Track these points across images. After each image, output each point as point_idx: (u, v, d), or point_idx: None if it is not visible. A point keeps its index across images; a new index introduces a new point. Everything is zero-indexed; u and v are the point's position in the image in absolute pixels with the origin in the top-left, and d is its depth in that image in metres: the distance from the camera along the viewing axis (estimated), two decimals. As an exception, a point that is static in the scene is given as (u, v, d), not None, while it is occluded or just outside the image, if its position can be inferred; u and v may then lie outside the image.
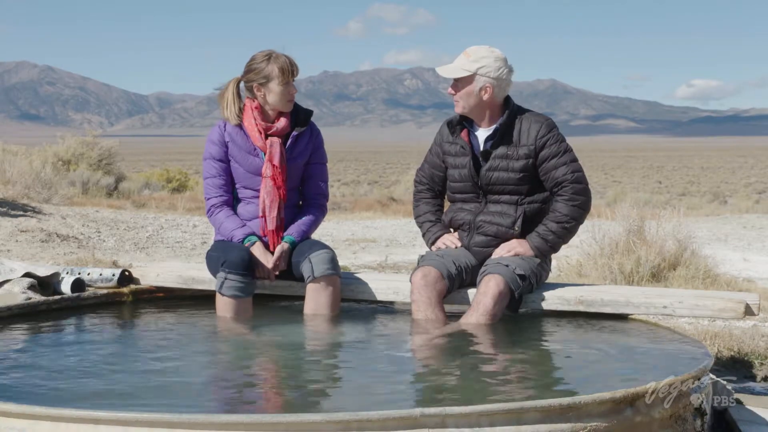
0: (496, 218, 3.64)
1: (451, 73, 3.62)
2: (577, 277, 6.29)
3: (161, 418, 2.05)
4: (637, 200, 8.54)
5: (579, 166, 3.65)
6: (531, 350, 3.22)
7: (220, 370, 2.97)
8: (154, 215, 12.20)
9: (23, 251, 7.41)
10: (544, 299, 3.55)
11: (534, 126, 3.61)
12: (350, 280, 3.83)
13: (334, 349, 3.28)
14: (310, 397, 2.55)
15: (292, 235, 3.75)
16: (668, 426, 2.35)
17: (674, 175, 53.40)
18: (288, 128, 3.79)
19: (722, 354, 4.02)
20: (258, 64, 3.71)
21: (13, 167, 12.59)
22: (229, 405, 2.52)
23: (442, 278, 3.54)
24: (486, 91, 3.59)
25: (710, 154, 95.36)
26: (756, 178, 47.08)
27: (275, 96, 3.71)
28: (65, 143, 19.26)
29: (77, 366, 2.88)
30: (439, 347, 3.21)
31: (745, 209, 19.95)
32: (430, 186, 3.90)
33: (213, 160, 3.79)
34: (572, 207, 3.60)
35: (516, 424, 2.10)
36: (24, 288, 3.91)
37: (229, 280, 3.58)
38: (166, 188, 20.51)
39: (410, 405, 2.41)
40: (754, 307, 3.35)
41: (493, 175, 3.62)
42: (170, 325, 3.70)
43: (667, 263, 6.21)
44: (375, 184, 39.18)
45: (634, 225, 6.46)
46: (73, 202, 13.35)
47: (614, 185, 36.46)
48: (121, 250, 8.51)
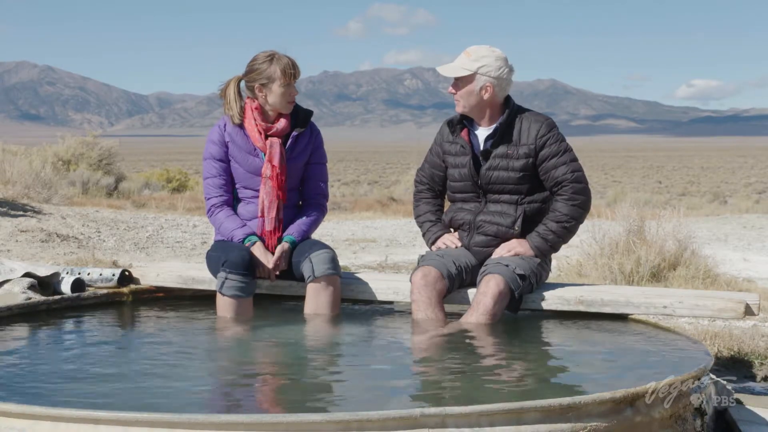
0: (496, 218, 3.65)
1: (452, 72, 3.62)
2: (577, 277, 6.29)
3: (161, 418, 2.05)
4: (637, 200, 8.54)
5: (579, 166, 3.65)
6: (531, 350, 3.22)
7: (220, 370, 2.97)
8: (154, 215, 12.19)
9: (23, 251, 7.41)
10: (544, 299, 3.55)
11: (534, 125, 3.61)
12: (350, 280, 3.83)
13: (334, 349, 3.28)
14: (310, 397, 2.55)
15: (292, 235, 3.76)
16: (668, 426, 2.35)
17: (674, 175, 53.38)
18: (288, 129, 3.80)
19: (722, 354, 4.02)
20: (260, 64, 3.70)
21: (13, 167, 12.58)
22: (229, 405, 2.52)
23: (442, 278, 3.54)
24: (486, 90, 3.59)
25: (710, 154, 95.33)
26: (756, 178, 47.06)
27: (276, 97, 3.71)
28: (65, 143, 19.27)
29: (77, 366, 2.87)
30: (439, 347, 3.21)
31: (745, 209, 19.94)
32: (430, 186, 3.90)
33: (213, 160, 3.79)
34: (572, 206, 3.60)
35: (516, 424, 2.10)
36: (24, 288, 3.91)
37: (229, 280, 3.58)
38: (166, 188, 20.52)
39: (410, 405, 2.41)
40: (754, 307, 3.35)
41: (493, 174, 3.62)
42: (170, 325, 3.70)
43: (667, 263, 6.21)
44: (375, 184, 39.16)
45: (634, 225, 6.46)
46: (73, 202, 13.35)
47: (614, 185, 36.44)
48: (121, 250, 8.51)
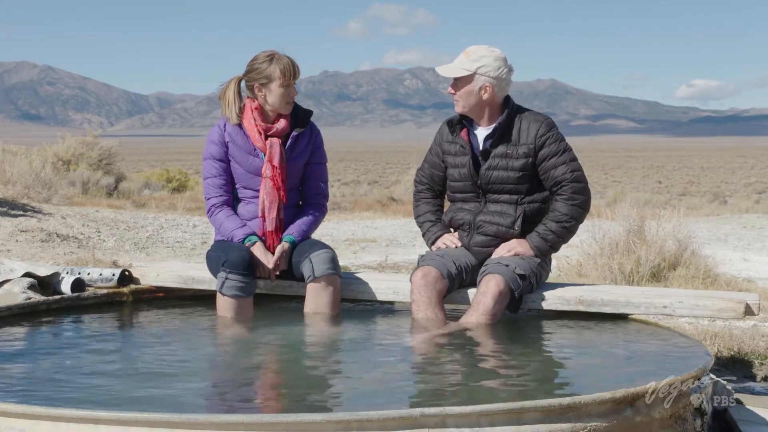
0: (495, 218, 3.65)
1: (451, 73, 3.62)
2: (577, 277, 6.29)
3: (161, 418, 2.05)
4: (637, 200, 8.54)
5: (578, 166, 3.65)
6: (531, 350, 3.22)
7: (220, 370, 2.97)
8: (154, 215, 12.19)
9: (23, 251, 7.41)
10: (544, 299, 3.55)
11: (533, 125, 3.61)
12: (350, 280, 3.83)
13: (334, 349, 3.28)
14: (310, 397, 2.55)
15: (292, 235, 3.76)
16: (668, 426, 2.35)
17: (674, 175, 53.36)
18: (288, 129, 3.80)
19: (722, 354, 4.02)
20: (260, 64, 3.70)
21: (13, 167, 12.58)
22: (229, 405, 2.52)
23: (442, 278, 3.54)
24: (486, 90, 3.59)
25: (710, 154, 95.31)
26: (756, 178, 47.04)
27: (275, 97, 3.71)
28: (65, 143, 19.28)
29: (77, 366, 2.87)
30: (439, 347, 3.21)
31: (745, 209, 19.93)
32: (430, 186, 3.91)
33: (213, 160, 3.79)
34: (572, 206, 3.60)
35: (516, 424, 2.10)
36: (24, 288, 3.91)
37: (229, 280, 3.58)
38: (166, 188, 20.53)
39: (410, 405, 2.41)
40: (754, 307, 3.35)
41: (493, 174, 3.62)
42: (170, 325, 3.69)
43: (667, 263, 6.21)
44: (375, 184, 39.15)
45: (634, 225, 6.45)
46: (73, 202, 13.35)
47: (614, 185, 36.43)
48: (121, 250, 8.51)
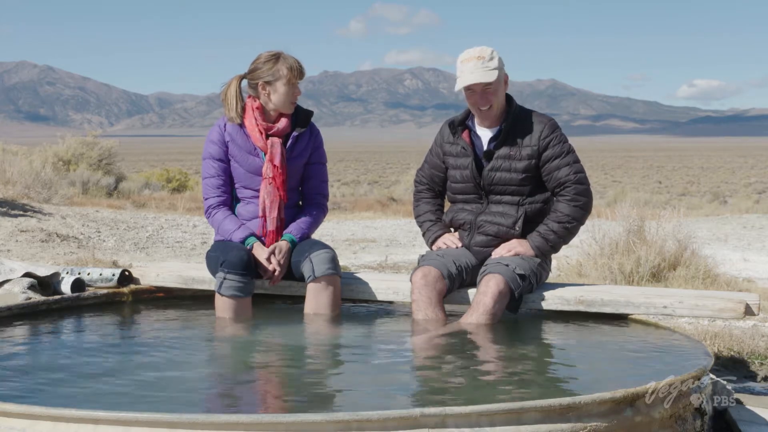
0: (497, 218, 3.65)
1: (489, 77, 3.54)
2: (577, 277, 6.29)
3: (161, 418, 2.05)
4: (637, 200, 8.54)
5: (581, 167, 3.65)
6: (531, 350, 3.22)
7: (219, 370, 2.97)
8: (154, 215, 12.19)
9: (23, 251, 7.41)
10: (544, 299, 3.55)
11: (537, 126, 3.61)
12: (350, 280, 3.83)
13: (334, 349, 3.28)
14: (310, 397, 2.55)
15: (291, 233, 3.75)
16: (668, 426, 2.35)
17: (674, 175, 53.35)
18: (288, 129, 3.79)
19: (722, 354, 4.02)
20: (265, 62, 3.69)
21: (13, 167, 12.59)
22: (229, 405, 2.52)
23: (442, 278, 3.54)
24: (506, 81, 3.65)
25: (710, 154, 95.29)
26: (756, 178, 47.03)
27: (279, 96, 3.70)
28: (65, 143, 19.28)
29: (77, 366, 2.87)
30: (439, 347, 3.21)
31: (745, 209, 19.93)
32: (430, 186, 3.91)
33: (212, 160, 3.79)
34: (574, 207, 3.60)
35: (516, 424, 2.10)
36: (24, 288, 3.91)
37: (228, 280, 3.58)
38: (166, 188, 20.53)
39: (410, 405, 2.41)
40: (754, 307, 3.35)
41: (496, 175, 3.62)
42: (170, 325, 3.69)
43: (667, 263, 6.21)
44: (375, 184, 39.14)
45: (634, 225, 6.45)
46: (73, 202, 13.35)
47: (614, 185, 36.44)
48: (121, 250, 8.51)
